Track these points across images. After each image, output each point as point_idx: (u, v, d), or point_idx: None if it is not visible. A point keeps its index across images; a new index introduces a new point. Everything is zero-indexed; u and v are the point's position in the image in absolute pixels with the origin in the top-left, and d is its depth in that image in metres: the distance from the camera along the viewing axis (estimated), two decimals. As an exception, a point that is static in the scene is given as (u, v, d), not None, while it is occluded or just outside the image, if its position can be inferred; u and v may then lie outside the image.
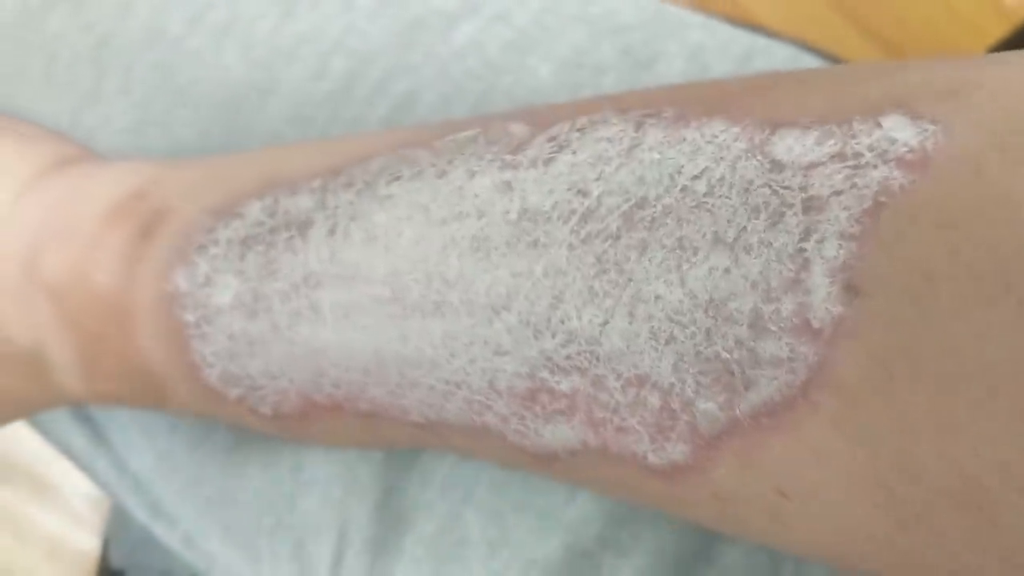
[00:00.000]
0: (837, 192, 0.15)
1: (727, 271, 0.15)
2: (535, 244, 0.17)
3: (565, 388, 0.17)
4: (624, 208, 0.16)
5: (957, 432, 0.13)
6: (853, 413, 0.14)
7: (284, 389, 0.21)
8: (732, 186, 0.15)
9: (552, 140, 0.18)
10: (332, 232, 0.20)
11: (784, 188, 0.15)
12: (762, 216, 0.15)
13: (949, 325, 0.13)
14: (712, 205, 0.16)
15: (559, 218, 0.17)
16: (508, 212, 0.18)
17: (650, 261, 0.16)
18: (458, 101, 0.27)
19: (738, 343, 0.15)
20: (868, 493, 0.14)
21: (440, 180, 0.19)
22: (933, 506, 0.14)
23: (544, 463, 0.18)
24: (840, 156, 0.15)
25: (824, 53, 0.33)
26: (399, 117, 0.27)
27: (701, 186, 0.16)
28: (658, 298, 0.16)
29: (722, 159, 0.16)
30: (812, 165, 0.15)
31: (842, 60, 0.33)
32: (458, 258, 0.18)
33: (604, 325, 0.16)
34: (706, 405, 0.15)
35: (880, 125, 0.15)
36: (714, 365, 0.15)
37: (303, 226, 0.20)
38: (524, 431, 0.18)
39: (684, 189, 0.16)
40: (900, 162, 0.14)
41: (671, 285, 0.16)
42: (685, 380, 0.16)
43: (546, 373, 0.17)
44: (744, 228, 0.15)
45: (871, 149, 0.15)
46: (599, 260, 0.16)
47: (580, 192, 0.17)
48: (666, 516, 0.24)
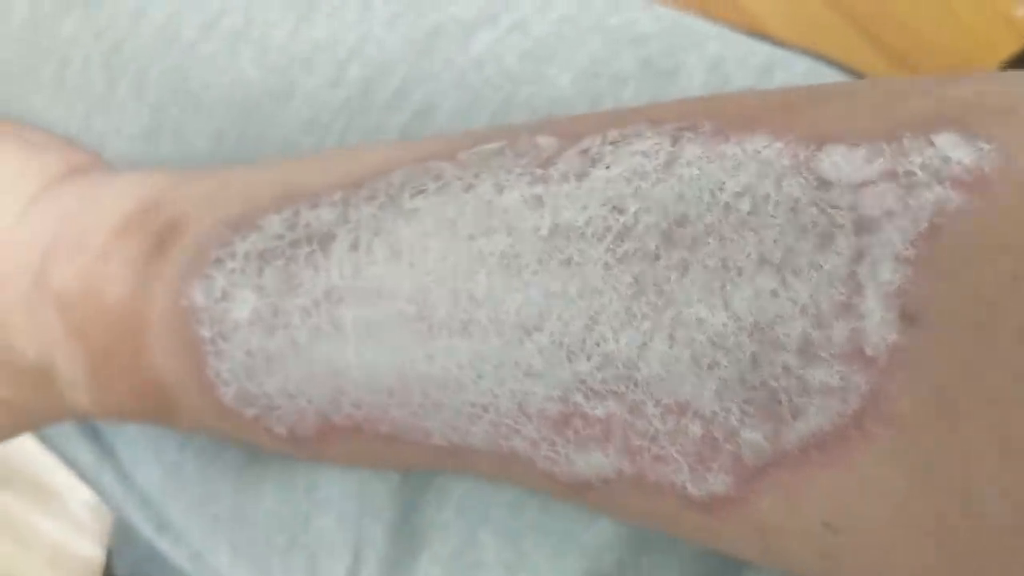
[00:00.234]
0: (890, 213, 0.14)
1: (774, 294, 0.15)
2: (568, 262, 0.17)
3: (600, 413, 0.16)
4: (663, 226, 0.16)
5: (1022, 463, 0.13)
6: (909, 444, 0.14)
7: (302, 409, 0.20)
8: (778, 204, 0.15)
9: (584, 153, 0.17)
10: (355, 247, 0.19)
11: (833, 208, 0.14)
12: (810, 237, 0.14)
13: (1014, 353, 0.13)
14: (757, 224, 0.15)
15: (594, 235, 0.16)
16: (539, 228, 0.17)
17: (692, 282, 0.15)
18: (476, 111, 0.27)
19: (786, 370, 0.14)
20: (922, 527, 0.14)
21: (467, 194, 0.18)
22: (992, 540, 0.13)
23: (575, 491, 0.18)
24: (891, 175, 0.14)
25: (843, 66, 0.32)
26: (417, 126, 0.27)
27: (745, 204, 0.15)
28: (700, 321, 0.15)
29: (766, 176, 0.15)
30: (862, 184, 0.14)
31: (861, 74, 0.32)
32: (487, 275, 0.17)
33: (642, 348, 0.16)
34: (751, 435, 0.15)
35: (932, 143, 0.14)
36: (760, 393, 0.15)
37: (324, 240, 0.20)
38: (555, 457, 0.17)
39: (727, 207, 0.15)
40: (955, 182, 0.14)
41: (714, 308, 0.15)
42: (729, 408, 0.15)
43: (580, 397, 0.17)
44: (791, 249, 0.15)
45: (924, 168, 0.14)
46: (637, 280, 0.16)
47: (616, 208, 0.16)
48: (688, 542, 0.23)
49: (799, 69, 0.29)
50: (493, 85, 0.27)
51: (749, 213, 0.15)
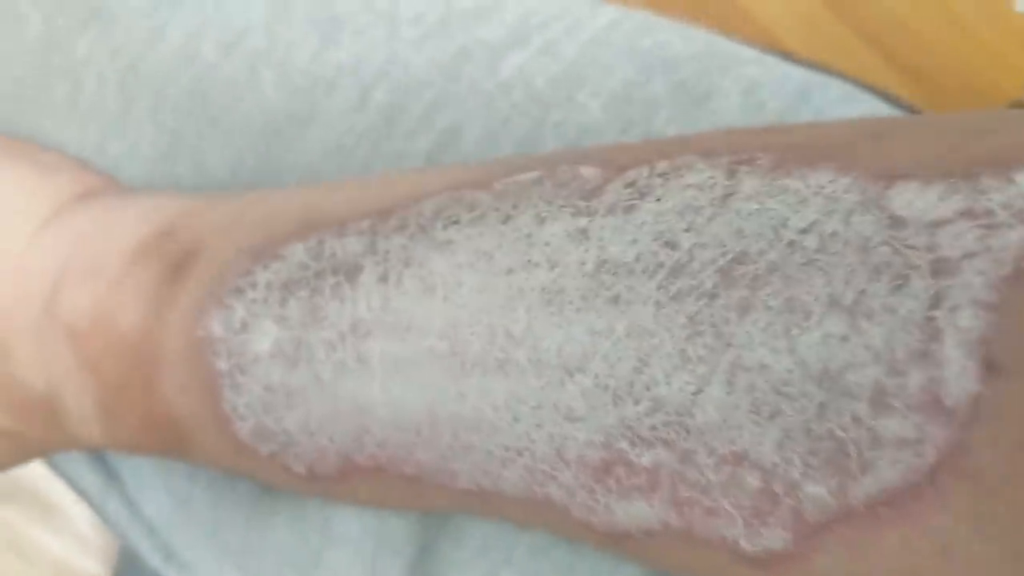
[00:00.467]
0: (969, 255, 0.13)
1: (845, 339, 0.14)
2: (616, 300, 0.16)
3: (646, 462, 0.15)
4: (721, 263, 0.15)
5: None
6: (989, 504, 0.13)
7: (322, 447, 0.19)
8: (847, 243, 0.14)
9: (630, 186, 0.16)
10: (384, 279, 0.18)
11: (907, 247, 0.13)
12: (884, 278, 0.13)
13: None
14: (825, 263, 0.14)
15: (644, 272, 0.15)
16: (584, 263, 0.16)
17: (753, 324, 0.14)
18: (504, 136, 0.26)
19: (855, 420, 0.13)
20: None
21: (504, 226, 0.17)
22: None
23: (613, 541, 0.17)
24: (969, 214, 0.13)
25: (877, 91, 0.31)
26: (442, 152, 0.26)
27: (811, 241, 0.14)
28: (763, 367, 0.14)
29: (833, 212, 0.14)
30: (938, 223, 0.13)
31: (897, 99, 0.32)
32: (526, 311, 0.16)
33: (697, 394, 0.15)
34: (815, 489, 0.14)
35: (1013, 180, 0.13)
36: (826, 444, 0.14)
37: (352, 271, 0.19)
38: (593, 506, 0.16)
39: (791, 244, 0.14)
40: None
41: (778, 352, 0.14)
42: (791, 460, 0.14)
43: (625, 444, 0.16)
44: (864, 291, 0.14)
45: (1005, 207, 0.13)
46: (692, 320, 0.15)
47: (668, 244, 0.15)
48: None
49: (834, 94, 0.28)
50: (521, 110, 0.26)
51: (816, 251, 0.14)
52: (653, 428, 0.15)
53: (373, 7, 0.28)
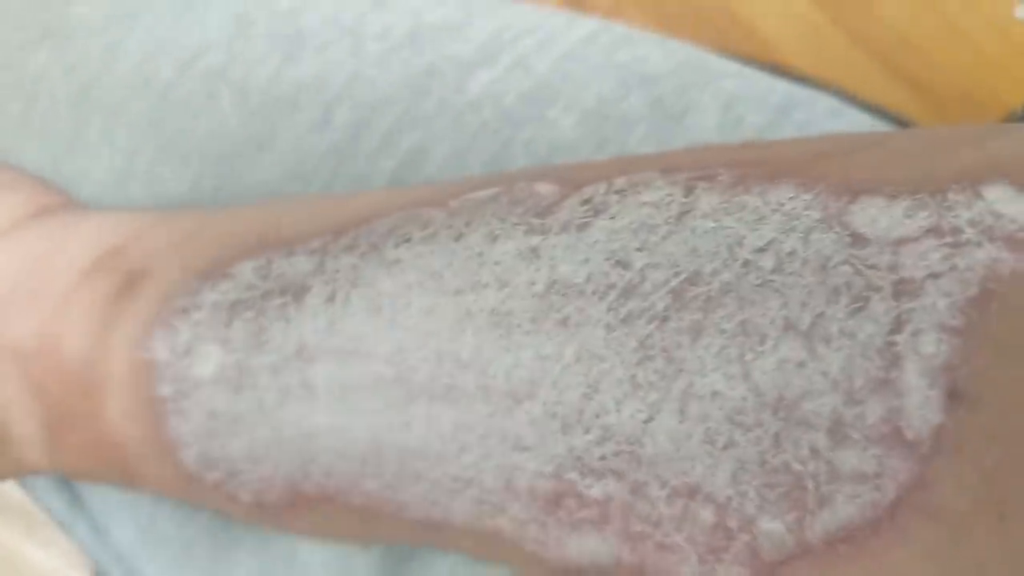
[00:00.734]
0: (934, 275, 0.12)
1: (801, 365, 0.13)
2: (565, 322, 0.15)
3: (597, 494, 0.15)
4: (673, 284, 0.14)
5: None
6: (952, 541, 0.12)
7: (268, 476, 0.18)
8: (806, 262, 0.13)
9: (586, 203, 0.16)
10: (331, 300, 0.17)
11: (869, 267, 0.13)
12: (843, 300, 0.13)
13: None
14: (781, 284, 0.13)
15: (594, 293, 0.15)
16: (534, 283, 0.15)
17: (706, 349, 0.13)
18: (472, 156, 0.25)
19: (813, 452, 0.13)
20: None
21: (456, 243, 0.17)
22: None
23: None
24: (935, 231, 0.12)
25: (868, 105, 0.31)
26: (407, 173, 0.25)
27: (767, 261, 0.13)
28: (715, 394, 0.13)
29: (792, 230, 0.13)
30: (902, 241, 0.13)
31: (888, 113, 0.31)
32: (474, 335, 0.16)
33: (648, 423, 0.14)
34: (771, 525, 0.13)
35: (981, 196, 0.13)
36: (783, 477, 0.13)
37: (299, 292, 0.18)
38: (545, 540, 0.15)
39: (746, 264, 0.14)
40: (1009, 241, 0.12)
41: (732, 379, 0.13)
42: (746, 493, 0.13)
43: (575, 474, 0.15)
44: (821, 314, 0.13)
45: (972, 224, 0.12)
46: (643, 345, 0.14)
47: (620, 263, 0.15)
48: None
49: (820, 109, 0.27)
50: (490, 128, 0.25)
51: (772, 271, 0.13)
52: (603, 458, 0.14)
53: (338, 22, 0.27)
